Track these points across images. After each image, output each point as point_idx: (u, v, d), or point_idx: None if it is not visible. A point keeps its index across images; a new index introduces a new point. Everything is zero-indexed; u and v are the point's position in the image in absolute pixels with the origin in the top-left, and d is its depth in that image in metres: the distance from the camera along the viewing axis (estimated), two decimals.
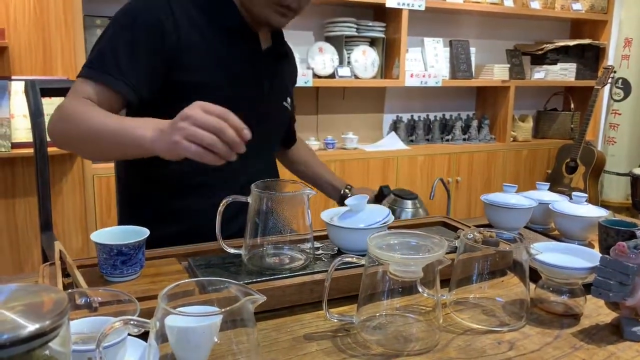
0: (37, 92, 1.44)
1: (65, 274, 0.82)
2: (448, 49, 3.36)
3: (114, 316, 0.68)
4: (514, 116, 3.64)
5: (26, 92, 1.45)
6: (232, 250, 0.88)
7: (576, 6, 3.66)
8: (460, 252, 0.84)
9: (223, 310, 0.58)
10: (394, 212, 1.68)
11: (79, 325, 0.66)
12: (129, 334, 0.65)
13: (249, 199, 0.87)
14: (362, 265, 0.80)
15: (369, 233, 0.79)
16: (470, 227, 1.05)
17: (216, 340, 0.59)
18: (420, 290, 0.78)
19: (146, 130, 0.91)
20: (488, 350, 0.73)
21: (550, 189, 1.25)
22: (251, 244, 0.87)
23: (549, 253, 0.84)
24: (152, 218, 1.04)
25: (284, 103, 1.28)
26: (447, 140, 3.46)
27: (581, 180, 3.36)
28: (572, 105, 3.81)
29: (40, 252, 1.49)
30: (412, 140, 3.39)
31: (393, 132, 3.36)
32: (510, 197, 1.11)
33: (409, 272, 0.74)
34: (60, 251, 0.84)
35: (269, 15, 1.11)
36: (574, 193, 1.12)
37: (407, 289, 0.76)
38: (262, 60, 1.19)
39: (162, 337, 0.59)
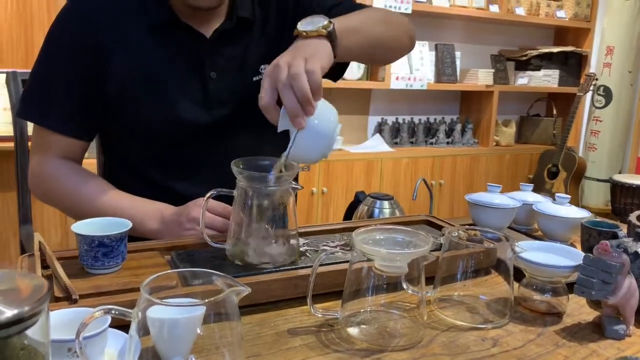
0: (18, 83, 1.42)
1: (45, 265, 0.80)
2: (434, 52, 3.38)
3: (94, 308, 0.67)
4: (497, 121, 3.67)
5: (7, 84, 1.42)
6: (215, 245, 0.87)
7: (560, 14, 3.71)
8: (445, 249, 0.84)
9: (206, 301, 0.57)
10: (371, 213, 1.69)
11: (58, 316, 0.64)
12: (110, 326, 0.64)
13: (235, 192, 0.86)
14: (348, 261, 0.80)
15: None
16: (454, 225, 1.06)
17: (199, 332, 0.58)
18: (404, 286, 0.78)
19: (151, 221, 1.02)
20: (472, 346, 0.73)
21: None
22: (235, 238, 0.86)
23: (533, 252, 0.85)
24: None
25: (255, 78, 1.12)
26: (431, 143, 3.48)
27: (562, 186, 3.40)
28: (555, 112, 3.86)
29: (18, 247, 1.47)
30: (396, 143, 3.40)
31: (378, 134, 3.37)
32: (495, 197, 1.12)
33: (394, 267, 0.73)
34: (39, 242, 0.83)
35: None
36: (557, 194, 1.13)
37: (392, 285, 0.76)
38: (205, 49, 1.08)
39: (144, 329, 0.58)
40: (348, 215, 1.74)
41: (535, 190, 1.27)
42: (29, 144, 1.40)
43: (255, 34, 1.14)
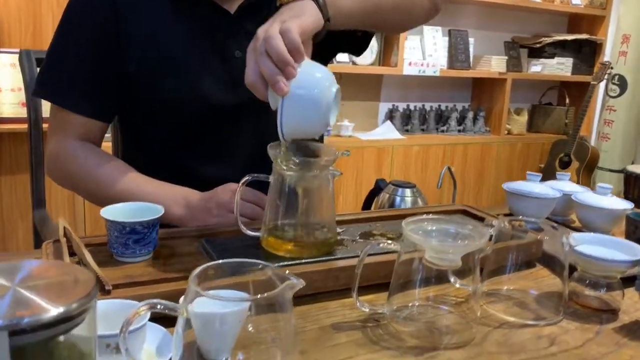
0: (32, 62, 1.36)
1: (71, 252, 0.76)
2: (447, 38, 3.31)
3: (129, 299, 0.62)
4: (509, 109, 3.61)
5: (21, 63, 1.37)
6: (250, 232, 0.82)
7: (575, 0, 3.64)
8: (495, 241, 0.79)
9: (259, 297, 0.52)
10: (392, 201, 1.64)
11: None
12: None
13: (270, 178, 0.81)
14: (394, 252, 0.76)
15: None
16: (495, 216, 1.01)
17: (250, 328, 0.54)
18: (452, 280, 0.74)
19: (175, 207, 0.96)
20: (528, 345, 0.69)
21: None
22: (271, 226, 0.82)
23: (585, 245, 0.80)
24: None
25: None
26: (442, 131, 3.42)
27: (574, 176, 3.35)
28: (567, 100, 3.80)
29: (28, 230, 1.42)
30: (407, 130, 3.35)
31: (388, 121, 3.32)
32: (534, 186, 1.07)
33: (446, 260, 0.69)
34: (65, 228, 0.78)
35: None
36: (598, 185, 1.08)
37: (441, 278, 0.72)
38: (230, 26, 1.03)
39: (190, 324, 0.54)
40: (368, 202, 1.69)
41: (545, 180, 1.21)
42: (43, 126, 1.35)
43: (272, 6, 1.08)
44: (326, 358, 0.63)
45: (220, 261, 0.56)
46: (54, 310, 0.38)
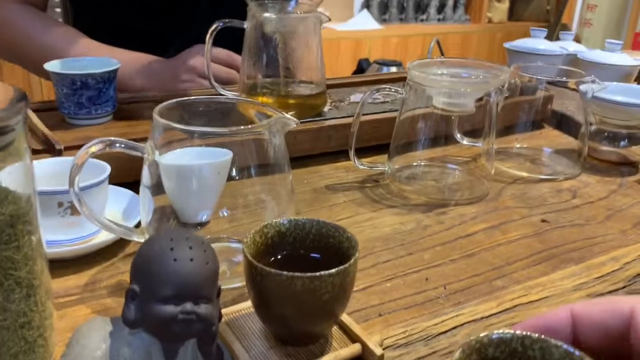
0: None
1: None
2: None
3: None
4: None
5: None
6: (225, 92, 0.71)
7: None
8: (505, 95, 0.69)
9: (242, 127, 0.42)
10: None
11: (39, 167, 0.49)
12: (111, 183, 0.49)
13: (246, 24, 0.68)
14: (393, 110, 0.66)
15: None
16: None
17: (235, 176, 0.44)
18: (458, 137, 0.65)
19: (137, 76, 0.83)
20: (549, 198, 0.61)
21: None
22: (249, 84, 0.70)
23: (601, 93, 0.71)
24: None
25: None
26: (422, 20, 3.25)
27: None
28: None
29: None
30: (384, 20, 3.17)
31: (365, 10, 3.12)
32: (539, 43, 0.97)
33: (458, 104, 0.59)
34: None
35: None
36: (607, 40, 0.99)
37: (450, 138, 0.63)
38: None
39: (159, 175, 0.44)
40: None
41: None
42: None
43: None
44: (324, 218, 0.55)
45: (193, 97, 0.46)
46: None
